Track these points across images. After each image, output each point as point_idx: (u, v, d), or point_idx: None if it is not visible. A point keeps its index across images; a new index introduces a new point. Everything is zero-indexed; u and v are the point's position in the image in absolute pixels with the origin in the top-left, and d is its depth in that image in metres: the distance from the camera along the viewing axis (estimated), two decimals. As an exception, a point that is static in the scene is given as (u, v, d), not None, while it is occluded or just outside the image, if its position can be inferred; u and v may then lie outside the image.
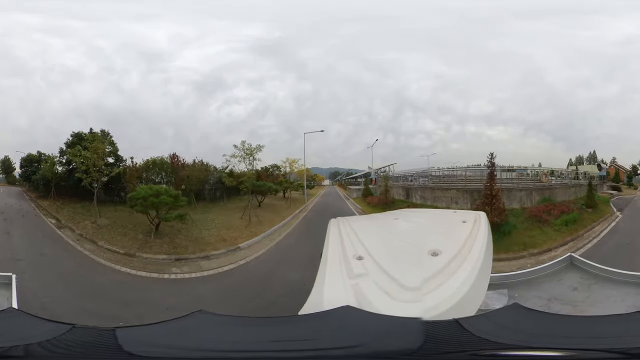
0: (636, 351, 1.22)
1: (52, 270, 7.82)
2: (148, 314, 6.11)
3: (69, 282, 7.27)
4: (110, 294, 6.97)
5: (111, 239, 9.84)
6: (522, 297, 2.88)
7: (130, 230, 10.15)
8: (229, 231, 12.14)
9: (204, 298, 7.56)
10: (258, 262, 10.07)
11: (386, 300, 1.85)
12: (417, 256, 2.41)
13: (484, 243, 2.48)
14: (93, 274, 8.05)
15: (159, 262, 8.85)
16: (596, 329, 1.56)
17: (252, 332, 1.54)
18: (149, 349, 1.28)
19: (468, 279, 1.96)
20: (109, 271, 8.27)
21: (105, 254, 9.18)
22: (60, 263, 8.41)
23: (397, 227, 3.62)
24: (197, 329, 1.48)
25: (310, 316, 1.74)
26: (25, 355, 1.21)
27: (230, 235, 11.76)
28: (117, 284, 7.60)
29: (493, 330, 1.42)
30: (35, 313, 1.71)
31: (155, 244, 9.60)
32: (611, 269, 3.03)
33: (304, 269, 4.87)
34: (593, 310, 2.60)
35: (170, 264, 8.96)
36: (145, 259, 8.83)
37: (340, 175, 37.85)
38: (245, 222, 13.43)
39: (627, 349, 1.23)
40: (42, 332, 1.36)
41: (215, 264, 9.54)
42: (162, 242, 9.84)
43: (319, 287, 2.10)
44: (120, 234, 10.13)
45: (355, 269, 2.26)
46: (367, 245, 2.73)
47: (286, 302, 6.11)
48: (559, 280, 3.12)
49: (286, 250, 11.45)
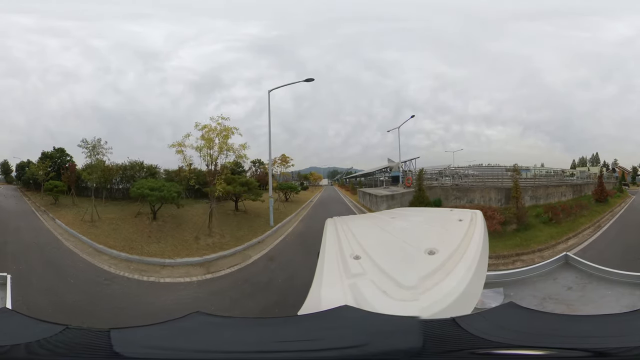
0: (625, 351, 1.23)
1: (15, 207, 15.17)
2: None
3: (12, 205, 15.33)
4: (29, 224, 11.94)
5: (39, 201, 15.48)
6: (517, 295, 2.89)
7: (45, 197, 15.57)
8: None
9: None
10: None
11: (384, 299, 1.85)
12: (414, 255, 2.42)
13: (480, 242, 2.49)
14: (29, 214, 13.65)
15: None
16: (587, 328, 1.58)
17: (251, 333, 1.53)
18: (144, 350, 1.27)
19: (464, 277, 1.96)
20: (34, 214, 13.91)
21: (34, 204, 15.22)
22: (21, 204, 15.82)
23: (393, 226, 3.62)
24: (193, 331, 1.46)
25: (310, 316, 1.73)
26: (17, 356, 1.19)
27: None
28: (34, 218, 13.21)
29: (489, 328, 1.43)
30: (29, 314, 1.69)
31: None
32: (606, 268, 3.05)
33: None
34: (586, 309, 2.62)
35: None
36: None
37: (340, 174, 36.05)
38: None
39: (615, 349, 1.24)
40: (34, 333, 1.34)
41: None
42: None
43: (316, 287, 2.10)
44: (47, 202, 15.07)
45: (353, 268, 2.26)
46: (364, 244, 2.73)
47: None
48: (554, 280, 3.15)
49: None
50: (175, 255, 9.63)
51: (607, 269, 3.04)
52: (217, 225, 11.69)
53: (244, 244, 10.85)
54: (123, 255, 9.46)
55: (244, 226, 12.78)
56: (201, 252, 10.02)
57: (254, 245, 11.08)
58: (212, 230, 11.48)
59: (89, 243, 10.31)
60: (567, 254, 3.45)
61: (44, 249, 9.83)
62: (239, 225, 12.77)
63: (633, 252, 9.62)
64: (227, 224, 12.36)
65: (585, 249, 10.26)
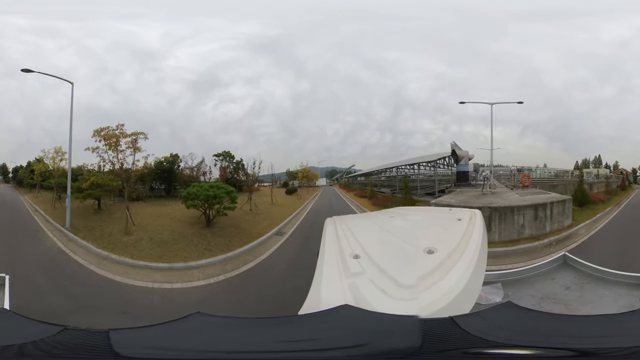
0: (616, 351, 1.24)
1: (9, 193, 21.41)
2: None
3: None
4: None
5: (21, 190, 21.87)
6: (515, 295, 2.90)
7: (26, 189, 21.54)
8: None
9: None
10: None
11: (383, 298, 1.85)
12: (413, 254, 2.42)
13: (479, 241, 2.49)
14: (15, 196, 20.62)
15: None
16: (583, 328, 1.59)
17: (253, 333, 1.53)
18: (143, 351, 1.26)
19: (463, 276, 1.97)
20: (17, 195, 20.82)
21: (22, 197, 20.10)
22: (13, 193, 21.43)
23: (393, 225, 3.62)
24: (194, 331, 1.46)
25: (311, 316, 1.73)
26: (14, 356, 1.18)
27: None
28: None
29: (486, 328, 1.44)
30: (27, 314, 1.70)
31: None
32: (604, 268, 3.06)
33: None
34: (584, 309, 2.63)
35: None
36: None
37: (340, 173, 34.55)
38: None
39: (608, 349, 1.25)
40: (32, 334, 1.33)
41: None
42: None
43: (316, 286, 2.10)
44: (26, 192, 21.17)
45: (352, 268, 2.26)
46: (363, 243, 2.73)
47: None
48: (552, 280, 3.16)
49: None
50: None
51: (605, 270, 3.06)
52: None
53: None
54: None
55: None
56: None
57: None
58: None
59: (29, 202, 18.24)
60: (566, 254, 3.46)
61: (10, 201, 19.21)
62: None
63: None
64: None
65: (620, 203, 18.67)
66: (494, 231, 10.56)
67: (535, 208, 11.10)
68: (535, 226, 10.93)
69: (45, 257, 9.82)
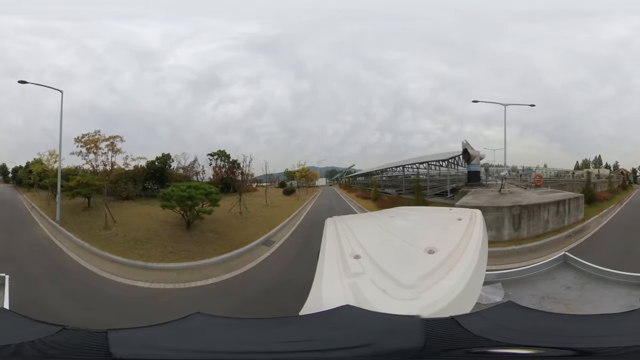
0: (614, 350, 1.23)
1: (8, 192, 22.90)
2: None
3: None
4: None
5: (20, 189, 23.54)
6: (516, 294, 2.90)
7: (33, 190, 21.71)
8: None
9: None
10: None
11: (384, 298, 1.84)
12: (414, 254, 2.41)
13: (480, 240, 2.49)
14: (14, 194, 21.93)
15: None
16: (583, 327, 1.59)
17: (254, 334, 1.51)
18: (143, 351, 1.25)
19: (464, 276, 1.96)
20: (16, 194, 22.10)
21: (21, 196, 21.29)
22: (12, 192, 22.83)
23: (393, 225, 3.62)
24: (194, 332, 1.44)
25: (312, 316, 1.72)
26: (10, 356, 1.17)
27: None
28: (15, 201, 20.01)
29: (488, 327, 1.43)
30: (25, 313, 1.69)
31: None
32: (604, 268, 3.06)
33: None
34: (585, 309, 2.63)
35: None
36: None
37: (340, 173, 34.23)
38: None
39: (607, 348, 1.25)
40: (30, 333, 1.32)
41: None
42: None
43: (317, 287, 2.09)
44: (24, 190, 22.55)
45: (353, 268, 2.26)
46: (363, 243, 2.72)
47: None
48: (552, 279, 3.16)
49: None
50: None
51: (606, 269, 3.06)
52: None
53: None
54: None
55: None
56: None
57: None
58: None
59: (27, 200, 19.67)
60: (566, 254, 3.46)
61: (8, 198, 20.61)
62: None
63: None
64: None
65: (622, 201, 19.39)
66: (523, 228, 10.97)
67: (557, 204, 12.02)
68: (557, 221, 11.84)
69: (35, 243, 11.60)
